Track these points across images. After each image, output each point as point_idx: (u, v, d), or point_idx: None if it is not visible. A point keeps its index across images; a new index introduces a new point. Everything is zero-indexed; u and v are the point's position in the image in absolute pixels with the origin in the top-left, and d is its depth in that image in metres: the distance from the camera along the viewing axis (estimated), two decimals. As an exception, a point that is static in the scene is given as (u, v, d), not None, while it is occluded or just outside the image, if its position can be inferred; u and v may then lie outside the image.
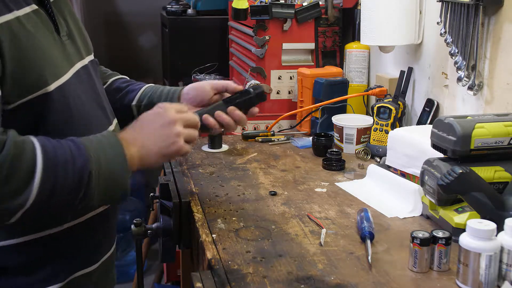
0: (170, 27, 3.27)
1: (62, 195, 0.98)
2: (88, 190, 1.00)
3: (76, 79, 1.12)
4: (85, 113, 1.12)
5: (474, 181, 1.10)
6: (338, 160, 1.64)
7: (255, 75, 2.25)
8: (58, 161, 0.97)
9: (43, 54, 1.04)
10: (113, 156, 1.04)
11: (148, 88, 1.44)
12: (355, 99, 1.99)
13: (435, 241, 1.05)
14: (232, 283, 1.02)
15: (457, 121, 1.16)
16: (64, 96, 1.07)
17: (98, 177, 1.01)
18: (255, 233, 1.23)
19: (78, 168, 0.99)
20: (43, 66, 1.03)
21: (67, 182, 0.98)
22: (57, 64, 1.07)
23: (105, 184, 1.03)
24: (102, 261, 1.22)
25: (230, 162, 1.69)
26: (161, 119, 1.13)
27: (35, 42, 1.03)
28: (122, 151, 1.06)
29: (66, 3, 1.20)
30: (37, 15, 1.06)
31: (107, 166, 1.03)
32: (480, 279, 0.97)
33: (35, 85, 1.02)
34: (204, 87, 1.39)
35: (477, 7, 1.43)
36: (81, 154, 1.00)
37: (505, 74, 1.42)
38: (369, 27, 1.82)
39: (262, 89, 1.35)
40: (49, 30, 1.09)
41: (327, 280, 1.03)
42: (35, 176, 0.94)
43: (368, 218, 1.22)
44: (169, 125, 1.12)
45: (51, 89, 1.04)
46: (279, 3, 2.16)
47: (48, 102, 1.04)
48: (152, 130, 1.12)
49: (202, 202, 1.39)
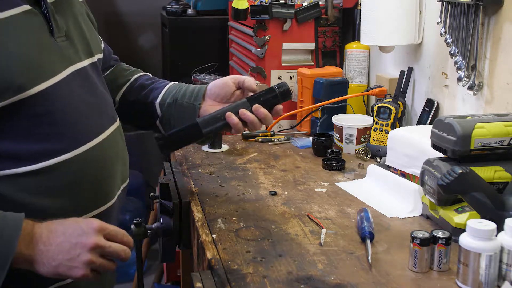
0: (170, 27, 3.27)
1: None
2: None
3: (68, 82, 1.10)
4: (72, 118, 1.09)
5: (474, 181, 1.10)
6: (338, 160, 1.64)
7: (255, 75, 2.24)
8: None
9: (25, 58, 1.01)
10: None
11: (172, 86, 1.42)
12: (355, 99, 1.99)
13: (435, 241, 1.05)
14: (232, 283, 1.02)
15: (457, 121, 1.16)
16: (49, 100, 1.04)
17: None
18: (255, 233, 1.23)
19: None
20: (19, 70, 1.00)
21: None
22: (43, 66, 1.04)
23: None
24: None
25: (230, 162, 1.69)
26: (78, 237, 0.98)
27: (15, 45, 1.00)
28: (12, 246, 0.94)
29: (72, 4, 1.18)
30: (29, 15, 1.04)
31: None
32: (480, 279, 0.97)
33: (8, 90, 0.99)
34: (227, 81, 1.37)
35: (477, 7, 1.43)
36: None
37: (505, 74, 1.42)
38: (369, 27, 1.82)
39: (286, 87, 1.33)
40: (41, 31, 1.06)
41: (327, 280, 1.03)
42: None
43: (368, 218, 1.22)
44: (80, 248, 0.98)
45: (31, 93, 1.01)
46: (279, 3, 2.16)
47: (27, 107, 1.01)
48: (62, 240, 0.98)
49: (202, 202, 1.39)
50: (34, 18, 1.06)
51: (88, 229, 0.99)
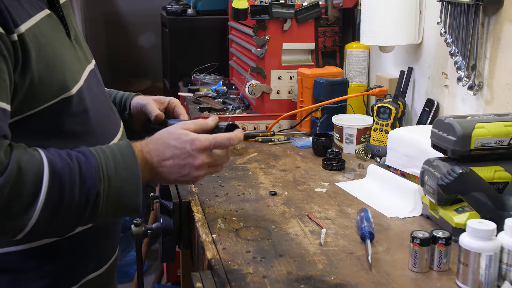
0: (170, 27, 3.27)
1: (66, 216, 0.95)
2: (94, 211, 0.97)
3: (88, 83, 1.13)
4: (99, 115, 1.12)
5: (474, 181, 1.10)
6: (338, 160, 1.64)
7: (255, 75, 2.24)
8: (65, 183, 0.93)
9: (63, 58, 1.04)
10: (126, 177, 1.00)
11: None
12: (355, 99, 1.99)
13: (435, 241, 1.05)
14: (232, 283, 1.02)
15: (457, 121, 1.16)
16: (82, 99, 1.07)
17: (106, 198, 0.98)
18: (255, 233, 1.23)
19: (86, 189, 0.95)
20: (64, 70, 1.03)
21: (73, 204, 0.94)
22: (73, 68, 1.07)
23: (114, 205, 0.99)
24: (109, 263, 1.22)
25: (230, 162, 1.69)
26: (188, 160, 1.08)
27: (54, 47, 1.03)
28: (138, 175, 1.02)
29: (69, 8, 1.20)
30: (50, 19, 1.06)
31: (117, 188, 0.99)
32: (480, 279, 0.97)
33: (59, 89, 1.01)
34: (149, 102, 1.35)
35: (477, 7, 1.43)
36: (91, 172, 0.96)
37: (505, 74, 1.42)
38: (369, 27, 1.82)
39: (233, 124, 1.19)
40: (62, 34, 1.09)
41: (327, 280, 1.03)
42: (38, 201, 0.91)
43: (368, 218, 1.22)
44: (195, 169, 1.08)
45: (73, 92, 1.04)
46: (279, 3, 2.16)
47: (69, 106, 1.04)
48: (174, 165, 1.07)
49: (202, 202, 1.39)
50: (55, 22, 1.08)
51: (193, 151, 1.07)
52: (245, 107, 2.29)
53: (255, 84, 2.18)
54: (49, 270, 1.08)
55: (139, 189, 1.02)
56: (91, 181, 0.96)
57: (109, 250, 1.23)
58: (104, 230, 1.17)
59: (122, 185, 1.00)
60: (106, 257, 1.21)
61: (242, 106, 2.30)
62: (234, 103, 2.34)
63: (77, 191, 0.94)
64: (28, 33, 0.96)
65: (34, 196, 0.91)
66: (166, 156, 1.07)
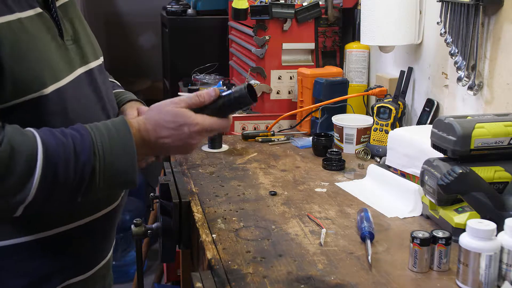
0: (170, 27, 3.27)
1: (63, 192, 0.98)
2: (90, 186, 0.99)
3: (76, 83, 1.12)
4: (84, 117, 1.11)
5: (474, 181, 1.10)
6: (338, 160, 1.64)
7: (255, 75, 2.25)
8: (60, 159, 0.96)
9: (43, 57, 1.04)
10: (122, 153, 1.02)
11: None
12: (355, 99, 1.99)
13: (435, 241, 1.05)
14: (232, 283, 1.02)
15: (457, 121, 1.16)
16: (62, 99, 1.07)
17: (103, 173, 0.99)
18: (255, 233, 1.23)
19: (80, 164, 0.97)
20: (41, 68, 1.03)
21: (68, 180, 0.97)
22: (56, 67, 1.07)
23: (110, 180, 1.01)
24: (99, 266, 1.21)
25: (230, 162, 1.69)
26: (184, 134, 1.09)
27: (36, 44, 1.03)
28: (133, 149, 1.03)
29: (74, 8, 1.21)
30: (41, 18, 1.07)
31: (113, 163, 1.01)
32: (480, 279, 0.97)
33: (32, 86, 1.01)
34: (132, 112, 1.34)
35: (477, 7, 1.43)
36: (85, 148, 0.98)
37: (505, 74, 1.42)
38: (369, 27, 1.82)
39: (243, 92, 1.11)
40: (52, 34, 1.09)
41: (327, 280, 1.03)
42: (34, 175, 0.94)
43: (368, 218, 1.22)
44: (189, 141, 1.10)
45: (48, 91, 1.04)
46: (279, 3, 2.16)
47: (44, 105, 1.03)
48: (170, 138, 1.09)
49: (202, 202, 1.39)
50: (46, 21, 1.08)
51: (192, 133, 1.10)
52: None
53: (255, 84, 2.18)
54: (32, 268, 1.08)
55: (134, 163, 1.03)
56: (86, 158, 0.98)
57: (99, 253, 1.21)
58: (93, 230, 1.16)
59: (117, 160, 1.01)
60: (95, 259, 1.20)
61: (242, 106, 2.30)
62: (234, 103, 2.33)
63: (71, 168, 0.96)
64: (2, 25, 0.97)
65: (30, 172, 0.93)
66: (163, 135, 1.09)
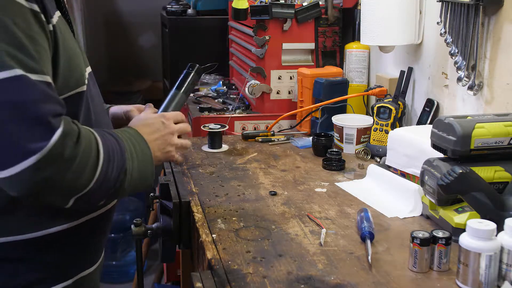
0: (170, 27, 3.27)
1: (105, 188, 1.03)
2: (121, 186, 1.05)
3: (89, 82, 1.16)
4: (98, 114, 1.17)
5: (474, 181, 1.10)
6: (338, 160, 1.64)
7: (255, 75, 2.25)
8: (111, 157, 1.03)
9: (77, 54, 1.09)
10: (142, 155, 1.11)
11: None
12: (355, 99, 1.99)
13: (435, 241, 1.05)
14: (232, 283, 1.02)
15: (457, 121, 1.16)
16: (87, 97, 1.12)
17: (131, 175, 1.07)
18: (255, 233, 1.23)
19: (120, 165, 1.04)
20: (80, 66, 1.09)
21: (112, 177, 1.03)
22: (83, 66, 1.12)
23: (135, 183, 1.09)
24: (101, 259, 1.24)
25: (230, 162, 1.69)
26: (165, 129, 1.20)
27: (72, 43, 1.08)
28: (149, 151, 1.13)
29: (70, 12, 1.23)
30: (62, 20, 1.10)
31: (139, 167, 1.09)
32: (480, 279, 0.97)
33: (77, 82, 1.07)
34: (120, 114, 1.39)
35: (477, 7, 1.43)
36: (121, 150, 1.06)
37: (505, 74, 1.42)
38: (369, 27, 1.82)
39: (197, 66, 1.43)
40: (72, 35, 1.12)
41: (327, 280, 1.03)
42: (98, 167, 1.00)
43: (368, 218, 1.22)
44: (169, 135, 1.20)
45: (85, 88, 1.09)
46: (279, 3, 2.16)
47: (81, 101, 1.09)
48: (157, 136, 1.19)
49: (202, 202, 1.39)
50: (66, 22, 1.12)
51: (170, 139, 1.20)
52: (245, 107, 2.29)
53: (255, 84, 2.18)
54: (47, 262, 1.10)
55: (153, 169, 1.13)
56: (124, 159, 1.06)
57: (102, 246, 1.25)
58: (98, 226, 1.19)
59: (141, 165, 1.10)
60: (99, 253, 1.24)
61: (242, 106, 2.30)
62: (234, 103, 2.34)
63: (116, 165, 1.04)
64: (56, 26, 1.02)
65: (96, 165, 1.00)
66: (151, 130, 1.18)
